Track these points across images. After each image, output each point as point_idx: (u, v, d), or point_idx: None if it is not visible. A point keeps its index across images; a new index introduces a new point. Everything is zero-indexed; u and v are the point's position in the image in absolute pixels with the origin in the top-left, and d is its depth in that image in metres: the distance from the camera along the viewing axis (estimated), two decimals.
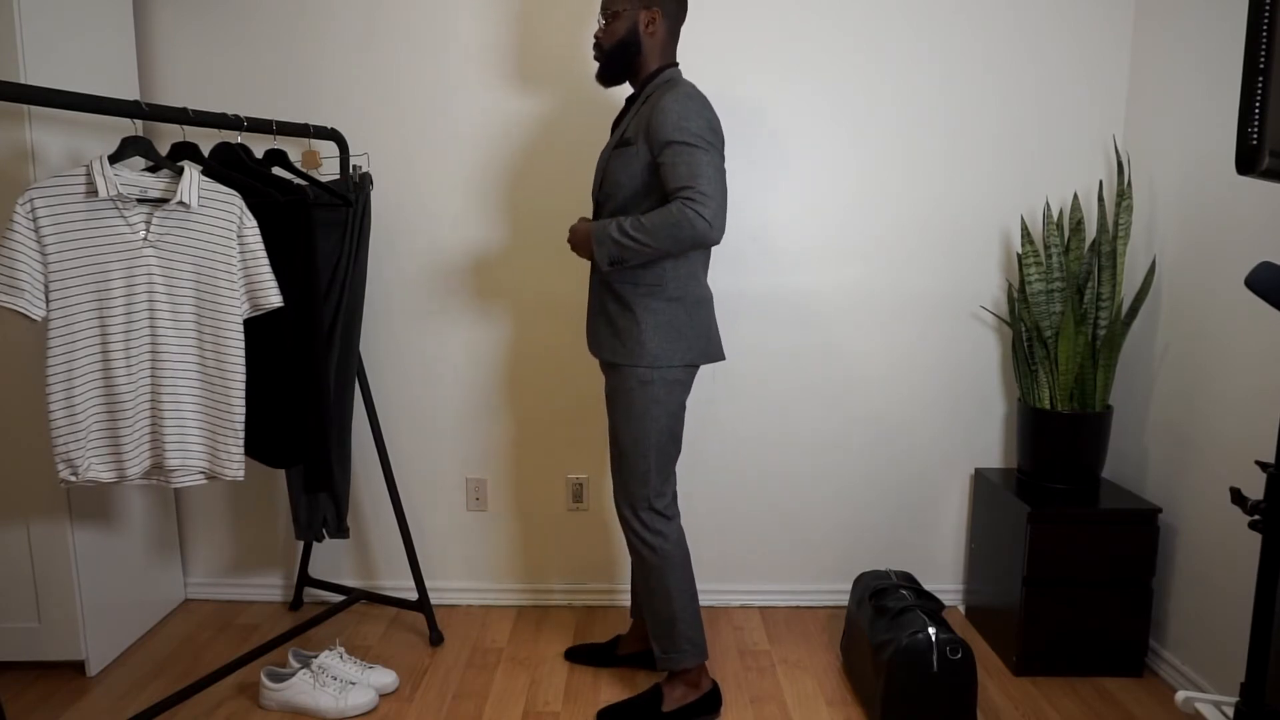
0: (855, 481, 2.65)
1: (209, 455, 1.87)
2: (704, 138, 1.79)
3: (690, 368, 1.96)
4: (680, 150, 1.78)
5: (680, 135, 1.78)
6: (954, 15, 2.44)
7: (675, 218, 1.76)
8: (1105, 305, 2.31)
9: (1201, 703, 1.65)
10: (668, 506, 2.00)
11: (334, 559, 2.71)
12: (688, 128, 1.78)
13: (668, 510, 2.00)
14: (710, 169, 1.77)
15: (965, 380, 2.60)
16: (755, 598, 2.71)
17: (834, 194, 2.52)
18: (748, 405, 2.61)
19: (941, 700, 1.93)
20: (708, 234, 1.76)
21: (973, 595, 2.60)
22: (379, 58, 2.47)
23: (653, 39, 1.91)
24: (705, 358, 1.96)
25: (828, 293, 2.56)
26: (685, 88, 1.84)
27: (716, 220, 1.76)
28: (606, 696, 2.17)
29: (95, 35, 2.20)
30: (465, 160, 2.51)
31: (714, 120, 1.84)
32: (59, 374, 1.70)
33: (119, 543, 2.34)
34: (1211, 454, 2.10)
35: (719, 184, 1.78)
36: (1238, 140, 1.20)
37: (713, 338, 2.00)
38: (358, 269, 2.32)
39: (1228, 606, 2.03)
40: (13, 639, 2.19)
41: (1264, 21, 1.16)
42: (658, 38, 1.91)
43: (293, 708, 2.09)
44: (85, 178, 1.69)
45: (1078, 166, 2.50)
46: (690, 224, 1.75)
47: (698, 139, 1.78)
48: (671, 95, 1.81)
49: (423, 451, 2.65)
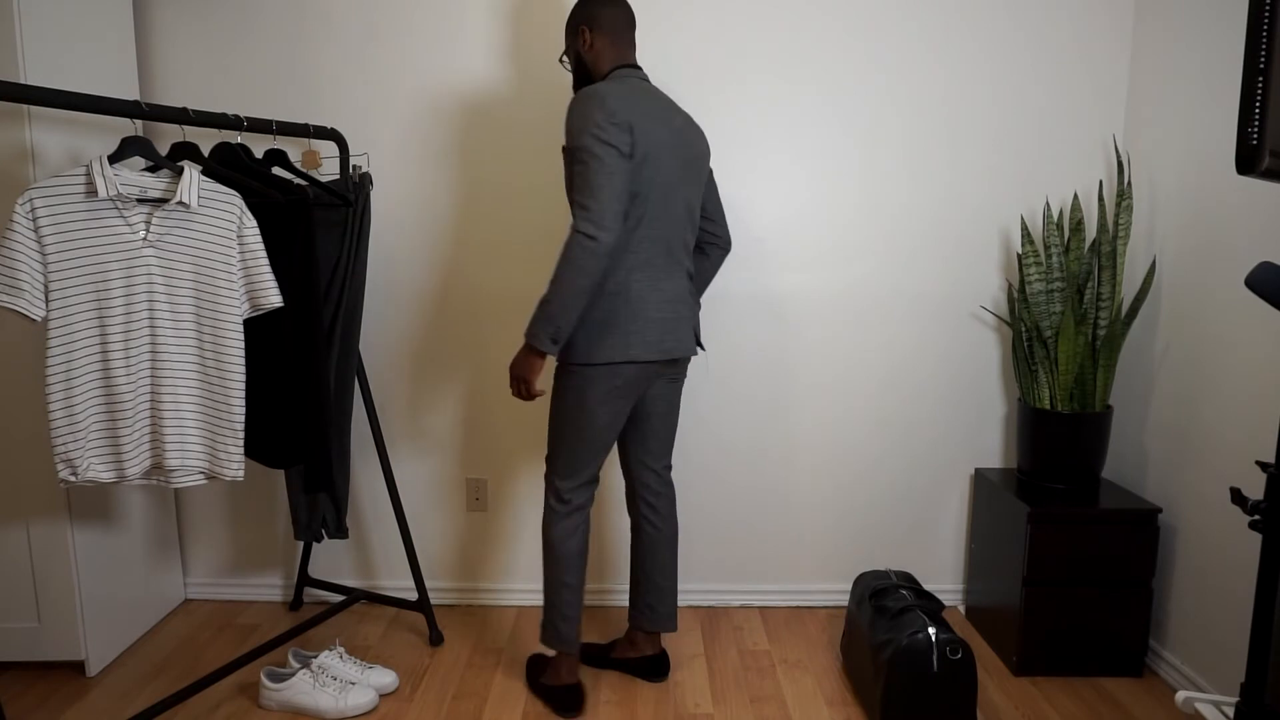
0: (855, 481, 2.65)
1: (209, 455, 1.87)
2: (587, 147, 1.79)
3: (612, 365, 1.92)
4: (572, 161, 1.84)
5: (570, 142, 1.84)
6: (954, 15, 2.44)
7: (566, 250, 1.79)
8: (1105, 305, 2.31)
9: (1201, 703, 1.65)
10: (569, 495, 2.05)
11: (334, 559, 2.71)
12: (575, 134, 1.82)
13: (566, 497, 2.05)
14: (594, 174, 1.78)
15: (965, 380, 2.60)
16: (755, 598, 2.71)
17: (834, 195, 2.52)
18: (748, 405, 2.61)
19: (941, 700, 1.93)
20: (595, 246, 1.77)
21: (973, 595, 2.60)
22: (379, 58, 2.47)
23: (594, 52, 1.98)
24: (626, 357, 1.91)
25: (828, 293, 2.56)
26: (589, 90, 1.85)
27: (601, 225, 1.77)
28: (606, 696, 2.17)
29: (95, 35, 2.20)
30: (465, 160, 2.51)
31: (605, 116, 1.79)
32: (58, 374, 1.70)
33: (119, 543, 2.34)
34: (1211, 454, 2.10)
35: (604, 187, 1.78)
36: (1238, 140, 1.20)
37: (653, 334, 1.93)
38: (357, 269, 2.32)
39: (1228, 606, 2.03)
40: (13, 639, 2.19)
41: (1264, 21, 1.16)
42: (598, 49, 1.97)
43: (293, 708, 2.09)
44: (85, 178, 1.69)
45: (1078, 166, 2.50)
46: (578, 245, 1.77)
47: (583, 147, 1.80)
48: (573, 101, 1.86)
49: (423, 451, 2.65)
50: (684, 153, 1.96)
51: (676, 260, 1.99)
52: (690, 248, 2.05)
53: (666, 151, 1.90)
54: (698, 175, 2.02)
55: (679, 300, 2.00)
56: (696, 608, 2.69)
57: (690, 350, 2.06)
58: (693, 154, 1.99)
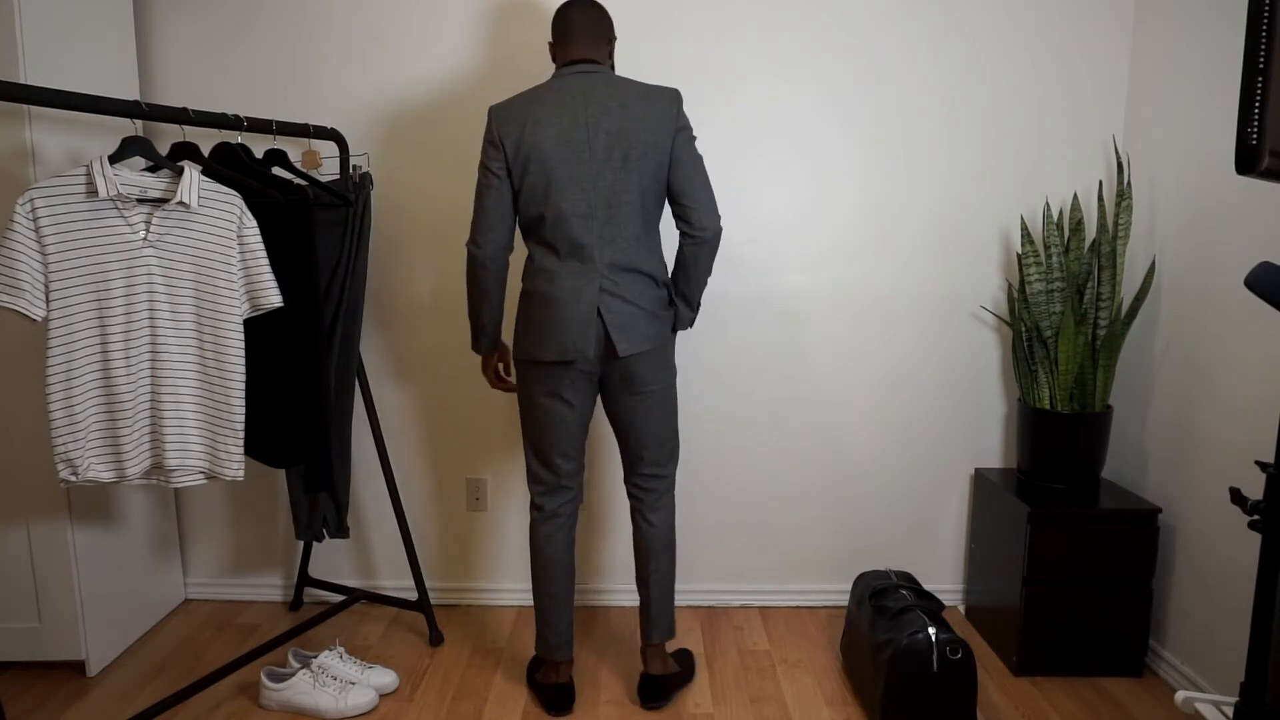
0: (855, 481, 2.65)
1: (209, 455, 1.87)
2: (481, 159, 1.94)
3: (526, 363, 1.98)
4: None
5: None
6: (954, 15, 2.44)
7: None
8: (1105, 305, 2.31)
9: (1201, 703, 1.65)
10: (539, 500, 2.09)
11: (334, 559, 2.71)
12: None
13: (537, 503, 2.10)
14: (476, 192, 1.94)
15: (965, 380, 2.60)
16: (755, 598, 2.71)
17: (834, 195, 2.52)
18: (748, 405, 2.61)
19: (941, 700, 1.94)
20: (471, 255, 1.95)
21: (973, 595, 2.60)
22: (379, 58, 2.47)
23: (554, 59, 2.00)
24: (528, 355, 1.95)
25: (828, 293, 2.56)
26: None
27: (473, 238, 1.94)
28: (607, 696, 2.17)
29: (95, 35, 2.20)
30: (465, 160, 2.51)
31: (485, 136, 1.92)
32: (58, 374, 1.70)
33: (119, 543, 2.34)
34: (1211, 454, 2.10)
35: (477, 203, 1.93)
36: (1238, 140, 1.20)
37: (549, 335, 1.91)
38: (358, 269, 2.32)
39: (1228, 606, 2.03)
40: (13, 639, 2.19)
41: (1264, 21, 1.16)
42: (554, 55, 2.00)
43: (293, 708, 2.09)
44: (85, 178, 1.69)
45: (1078, 166, 2.50)
46: (468, 259, 1.96)
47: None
48: None
49: (423, 451, 2.65)
50: (598, 142, 1.86)
51: (585, 259, 1.90)
52: (625, 240, 1.90)
53: (561, 149, 1.86)
54: (626, 160, 1.87)
55: (579, 301, 1.89)
56: (696, 608, 2.69)
57: (584, 355, 1.90)
58: (615, 141, 1.86)
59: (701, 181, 1.94)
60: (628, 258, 1.92)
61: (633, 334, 1.92)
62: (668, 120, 1.90)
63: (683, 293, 2.04)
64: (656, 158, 1.90)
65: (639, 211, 1.91)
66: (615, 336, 1.90)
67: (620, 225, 1.90)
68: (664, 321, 1.99)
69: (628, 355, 1.93)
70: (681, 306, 2.06)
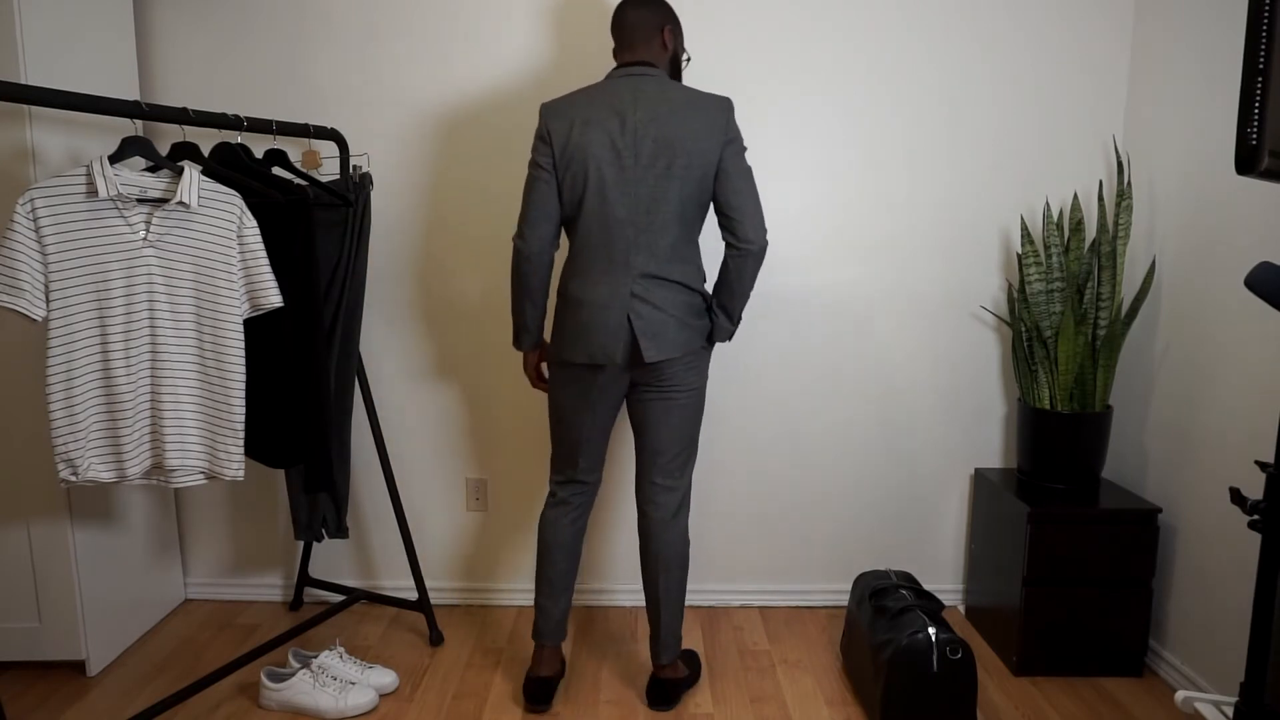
0: (855, 481, 2.65)
1: (209, 455, 1.87)
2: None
3: (559, 363, 2.01)
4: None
5: None
6: (954, 15, 2.44)
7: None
8: (1105, 305, 2.31)
9: (1201, 703, 1.65)
10: (553, 486, 2.13)
11: (334, 559, 2.71)
12: None
13: (551, 489, 2.14)
14: (525, 185, 1.95)
15: (965, 380, 2.60)
16: (755, 598, 2.71)
17: (834, 195, 2.52)
18: (747, 405, 2.61)
19: (941, 700, 1.94)
20: (517, 248, 1.96)
21: (973, 595, 2.60)
22: (379, 58, 2.47)
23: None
24: (559, 355, 1.99)
25: (828, 293, 2.56)
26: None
27: (520, 231, 1.95)
28: (607, 696, 2.17)
29: (95, 35, 2.20)
30: (466, 160, 2.51)
31: (537, 131, 1.94)
32: (59, 374, 1.70)
33: (119, 543, 2.34)
34: (1211, 454, 2.10)
35: (526, 196, 1.94)
36: (1238, 140, 1.20)
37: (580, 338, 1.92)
38: (358, 269, 2.32)
39: (1228, 606, 2.04)
40: (13, 639, 2.19)
41: (1264, 21, 1.16)
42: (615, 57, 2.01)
43: (293, 708, 2.09)
44: (85, 178, 1.69)
45: (1078, 166, 2.50)
46: (514, 253, 1.97)
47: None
48: None
49: (423, 451, 2.65)
50: (644, 148, 1.85)
51: (619, 264, 1.90)
52: (661, 247, 1.90)
53: (607, 151, 1.86)
54: (670, 168, 1.86)
55: (610, 306, 1.89)
56: (697, 608, 2.69)
57: (612, 359, 1.90)
58: (661, 148, 1.85)
59: (749, 194, 1.91)
60: (661, 266, 1.91)
61: (662, 341, 1.91)
62: (717, 130, 1.88)
63: (723, 305, 1.99)
64: (701, 167, 1.88)
65: (678, 220, 1.90)
66: (644, 343, 1.90)
67: (657, 233, 1.90)
68: (696, 330, 1.97)
69: (655, 361, 1.92)
70: (721, 318, 2.01)
